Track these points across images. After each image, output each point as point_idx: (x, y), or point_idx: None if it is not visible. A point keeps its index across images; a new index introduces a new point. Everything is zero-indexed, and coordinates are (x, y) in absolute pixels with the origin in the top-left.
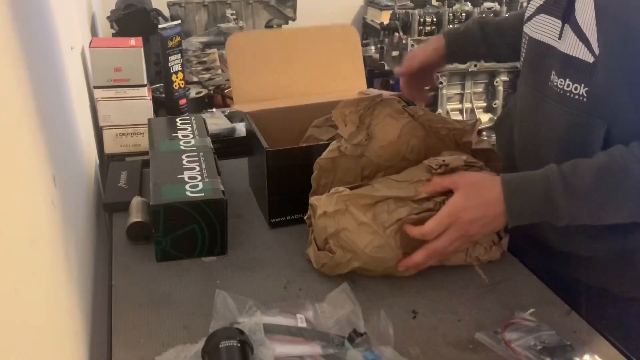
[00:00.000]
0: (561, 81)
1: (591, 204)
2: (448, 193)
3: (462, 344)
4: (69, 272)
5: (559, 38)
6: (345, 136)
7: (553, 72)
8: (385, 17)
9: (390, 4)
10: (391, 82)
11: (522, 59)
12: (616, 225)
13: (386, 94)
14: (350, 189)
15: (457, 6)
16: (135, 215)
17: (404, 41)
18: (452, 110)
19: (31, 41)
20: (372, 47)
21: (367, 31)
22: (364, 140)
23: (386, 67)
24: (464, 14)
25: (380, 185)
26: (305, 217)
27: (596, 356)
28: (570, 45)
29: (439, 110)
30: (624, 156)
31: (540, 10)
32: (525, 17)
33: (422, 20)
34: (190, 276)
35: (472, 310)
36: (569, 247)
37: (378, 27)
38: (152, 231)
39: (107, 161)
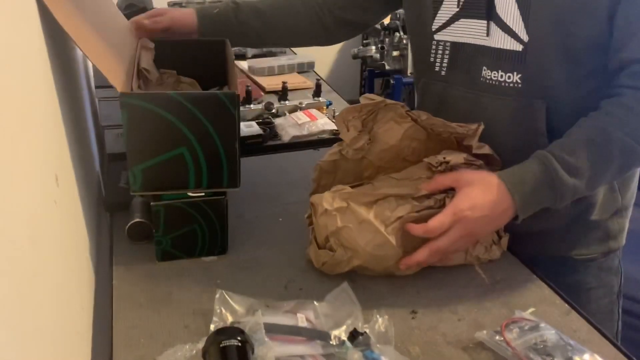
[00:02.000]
0: (494, 74)
1: (587, 177)
2: (449, 191)
3: (462, 344)
4: (70, 271)
5: (487, 35)
6: (347, 141)
7: (484, 68)
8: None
9: None
10: (392, 82)
11: (438, 66)
12: None
13: (389, 101)
14: (351, 187)
15: None
16: (136, 215)
17: (404, 41)
18: None
19: (35, 38)
20: (373, 47)
21: (368, 31)
22: (365, 145)
23: (386, 67)
24: None
25: (380, 183)
26: (305, 216)
27: (596, 356)
28: (498, 40)
29: None
30: (603, 128)
31: (457, 16)
32: (436, 27)
33: None
34: (190, 276)
35: (472, 310)
36: (527, 226)
37: (378, 27)
38: (152, 231)
39: (108, 161)
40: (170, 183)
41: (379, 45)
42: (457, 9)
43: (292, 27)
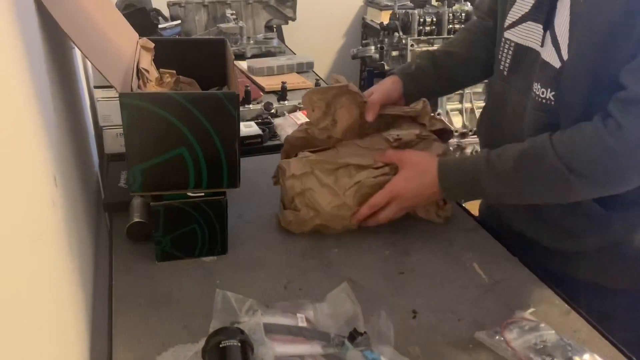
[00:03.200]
0: (537, 85)
1: (511, 185)
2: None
3: (462, 344)
4: (69, 272)
5: (541, 45)
6: (313, 121)
7: (534, 78)
8: (385, 17)
9: (390, 4)
10: None
11: (502, 65)
12: (599, 220)
13: (352, 85)
14: (316, 151)
15: (456, 6)
16: (136, 215)
17: (403, 41)
18: (452, 110)
19: (34, 39)
20: (372, 47)
21: (367, 31)
22: (329, 125)
23: (386, 67)
24: (463, 14)
25: (344, 150)
26: (272, 176)
27: (596, 356)
28: (548, 52)
29: (439, 110)
30: (543, 143)
31: (526, 17)
32: (507, 24)
33: (421, 20)
34: (190, 276)
35: (471, 310)
36: (558, 244)
37: (378, 27)
38: (152, 231)
39: (107, 161)
40: (169, 183)
41: (378, 46)
42: (528, 10)
43: (476, 59)
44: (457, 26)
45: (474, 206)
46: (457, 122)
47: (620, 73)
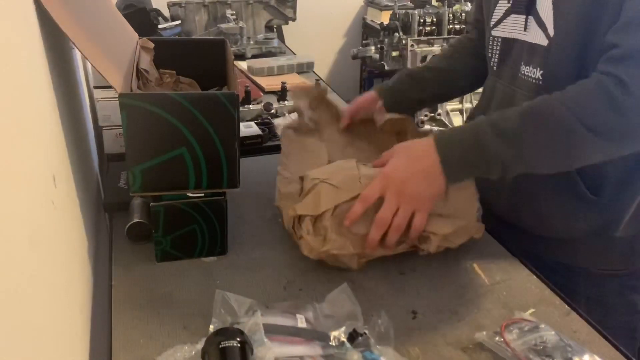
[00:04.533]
0: (527, 69)
1: (519, 146)
2: None
3: (462, 344)
4: (68, 272)
5: (525, 30)
6: (300, 107)
7: (522, 63)
8: (385, 18)
9: (390, 4)
10: None
11: (492, 62)
12: (589, 203)
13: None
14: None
15: (457, 6)
16: (135, 215)
17: (403, 41)
18: (452, 110)
19: (34, 39)
20: (372, 48)
21: (367, 31)
22: (312, 124)
23: (386, 67)
24: (463, 14)
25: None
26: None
27: (596, 356)
28: (533, 34)
29: (439, 111)
30: (547, 100)
31: (509, 12)
32: (493, 22)
33: (422, 20)
34: (190, 276)
35: (472, 310)
36: (548, 230)
37: (378, 27)
38: (152, 231)
39: (107, 161)
40: (169, 183)
41: (379, 46)
42: (508, 5)
43: (458, 71)
44: (457, 26)
45: None
46: (457, 122)
47: (608, 37)
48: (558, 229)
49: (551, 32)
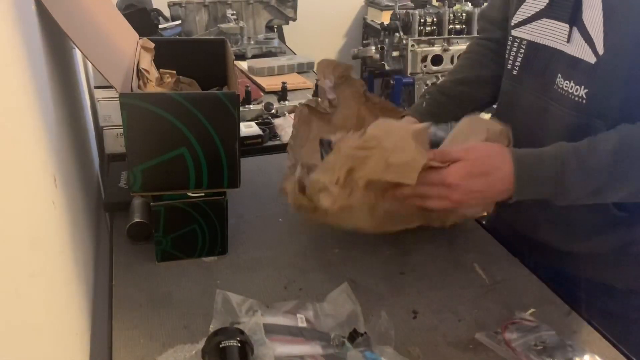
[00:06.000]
0: (566, 83)
1: (603, 181)
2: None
3: (462, 344)
4: (69, 272)
5: (568, 41)
6: (323, 86)
7: (559, 75)
8: (385, 18)
9: (390, 4)
10: (392, 82)
11: (511, 64)
12: (615, 219)
13: (352, 77)
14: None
15: (457, 6)
16: (136, 215)
17: (404, 41)
18: None
19: (34, 39)
20: (373, 47)
21: (368, 31)
22: (334, 101)
23: (387, 67)
24: (464, 14)
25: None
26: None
27: (596, 356)
28: (577, 47)
29: None
30: (634, 133)
31: (541, 14)
32: (516, 22)
33: (422, 20)
34: (190, 276)
35: (472, 310)
36: (569, 245)
37: (378, 27)
38: (152, 231)
39: (108, 161)
40: (170, 183)
41: (379, 46)
42: (543, 7)
43: (487, 77)
44: (457, 26)
45: None
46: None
47: None
48: (582, 244)
49: (600, 49)
